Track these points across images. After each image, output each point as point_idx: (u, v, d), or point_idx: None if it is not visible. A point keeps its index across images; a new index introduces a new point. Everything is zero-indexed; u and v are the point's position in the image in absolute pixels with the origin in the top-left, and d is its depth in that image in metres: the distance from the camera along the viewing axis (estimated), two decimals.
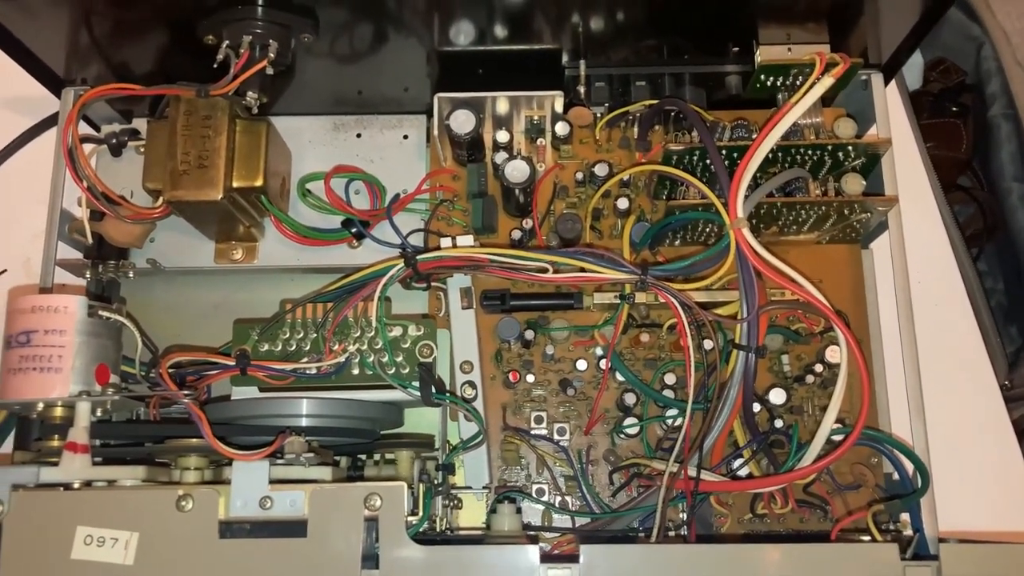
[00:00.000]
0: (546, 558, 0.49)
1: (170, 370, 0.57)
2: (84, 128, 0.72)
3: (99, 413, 0.55)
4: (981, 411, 0.75)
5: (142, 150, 0.69)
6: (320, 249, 0.69)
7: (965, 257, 0.86)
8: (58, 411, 0.54)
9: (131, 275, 0.69)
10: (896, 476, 0.64)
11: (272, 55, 0.60)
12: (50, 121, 0.79)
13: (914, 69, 1.02)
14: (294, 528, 0.49)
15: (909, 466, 0.62)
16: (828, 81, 0.61)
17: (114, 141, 0.70)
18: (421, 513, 0.53)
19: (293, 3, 0.60)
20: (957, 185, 1.02)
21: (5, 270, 0.77)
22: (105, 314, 0.56)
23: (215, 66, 0.61)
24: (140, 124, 0.72)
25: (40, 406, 0.53)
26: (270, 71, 0.61)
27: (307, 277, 0.70)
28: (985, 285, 0.99)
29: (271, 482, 0.50)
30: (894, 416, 0.67)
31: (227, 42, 0.60)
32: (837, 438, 0.60)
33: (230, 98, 0.62)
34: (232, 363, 0.58)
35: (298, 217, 0.69)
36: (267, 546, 0.49)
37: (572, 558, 0.49)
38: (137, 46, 0.66)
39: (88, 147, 0.68)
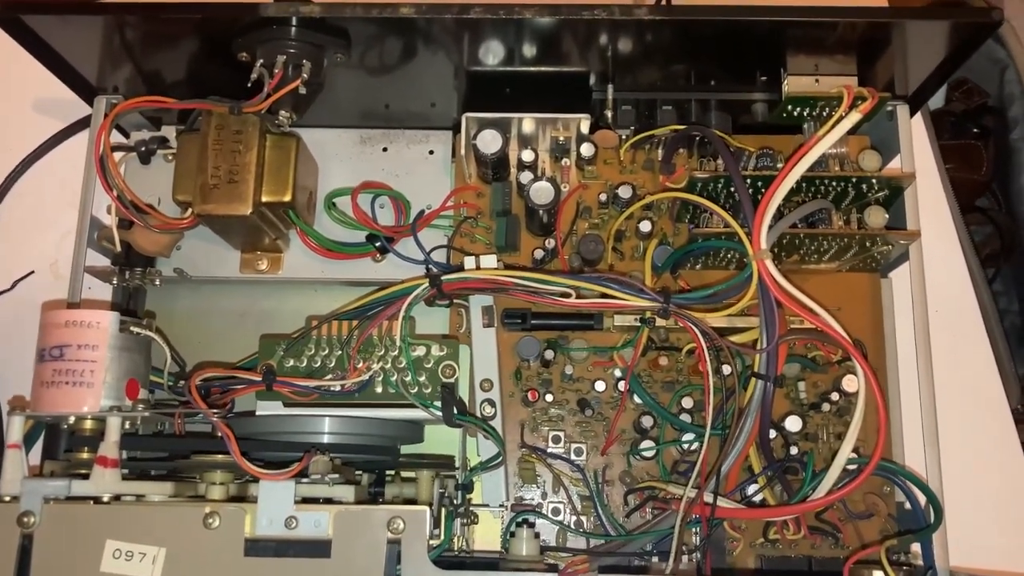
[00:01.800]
0: None
1: (197, 383, 0.58)
2: (114, 135, 0.72)
3: (127, 426, 0.56)
4: (994, 439, 0.75)
5: (170, 157, 0.71)
6: (344, 262, 0.70)
7: (981, 280, 0.87)
8: (88, 424, 0.55)
9: (158, 283, 0.70)
10: (908, 506, 0.64)
11: (305, 75, 0.61)
12: (80, 124, 0.80)
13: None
14: (318, 548, 0.50)
15: (922, 498, 0.62)
16: (855, 116, 0.62)
17: (143, 149, 0.71)
18: (442, 536, 0.54)
19: (327, 24, 0.60)
20: (975, 207, 1.02)
21: (32, 272, 0.78)
22: (136, 329, 0.57)
23: (249, 84, 0.61)
24: (169, 132, 0.73)
25: (72, 419, 0.54)
26: (303, 91, 0.62)
27: (331, 289, 0.71)
28: (1000, 306, 1.00)
29: (297, 502, 0.51)
30: (908, 445, 0.68)
31: (261, 60, 0.61)
32: (851, 467, 0.61)
33: (262, 115, 0.63)
34: (258, 379, 0.59)
35: (323, 230, 0.70)
36: (291, 565, 0.50)
37: None
38: (170, 58, 0.67)
39: (118, 155, 0.69)
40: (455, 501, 0.58)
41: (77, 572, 0.50)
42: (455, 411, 0.60)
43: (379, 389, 0.61)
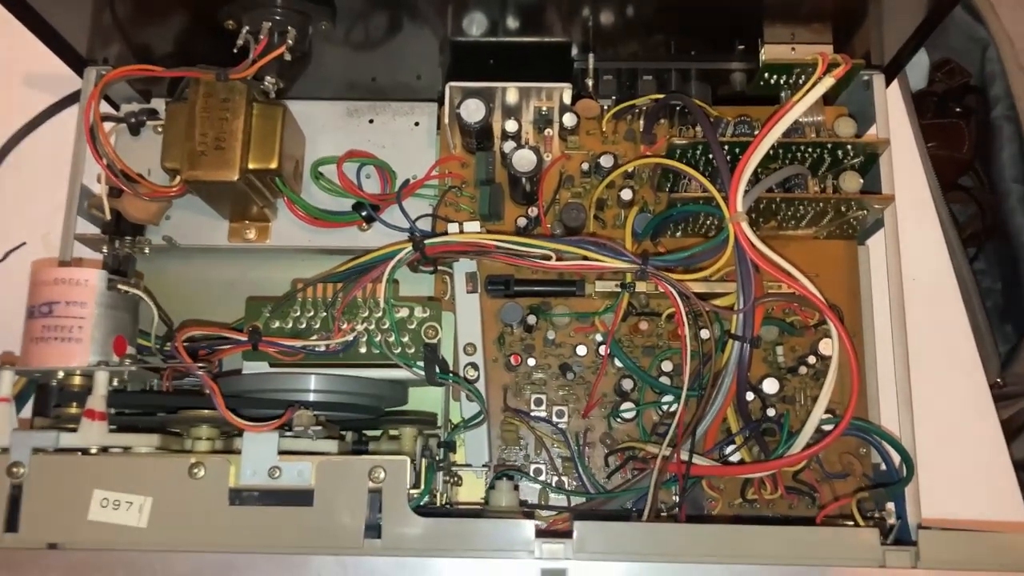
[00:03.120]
0: (541, 534, 0.51)
1: (184, 344, 0.60)
2: (104, 107, 0.73)
3: (115, 383, 0.57)
4: (970, 407, 0.77)
5: (160, 129, 0.72)
6: (331, 231, 0.71)
7: (961, 256, 0.88)
8: (77, 379, 0.56)
9: (147, 251, 0.71)
10: (883, 467, 0.66)
11: (290, 41, 0.62)
12: (70, 99, 0.81)
13: (920, 69, 1.03)
14: (301, 497, 0.51)
15: (896, 457, 0.64)
16: (829, 81, 0.63)
17: (133, 120, 0.72)
18: (423, 487, 0.55)
19: None
20: (958, 185, 1.04)
21: (24, 243, 0.79)
22: (124, 288, 0.58)
23: (235, 51, 0.63)
24: (158, 104, 0.75)
25: (60, 374, 0.56)
26: (288, 57, 0.63)
27: (318, 258, 0.72)
28: (983, 284, 1.01)
29: (280, 453, 0.52)
30: (883, 409, 0.69)
31: (247, 27, 0.62)
32: (828, 427, 0.62)
33: (248, 82, 0.64)
34: (244, 338, 0.61)
35: (310, 199, 0.71)
36: (274, 514, 0.51)
37: (566, 534, 0.51)
38: (158, 28, 0.68)
39: (107, 125, 0.70)
40: (437, 457, 0.60)
41: (65, 521, 0.51)
42: (437, 370, 0.61)
43: (363, 349, 0.62)
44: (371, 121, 0.75)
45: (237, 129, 0.63)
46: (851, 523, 0.59)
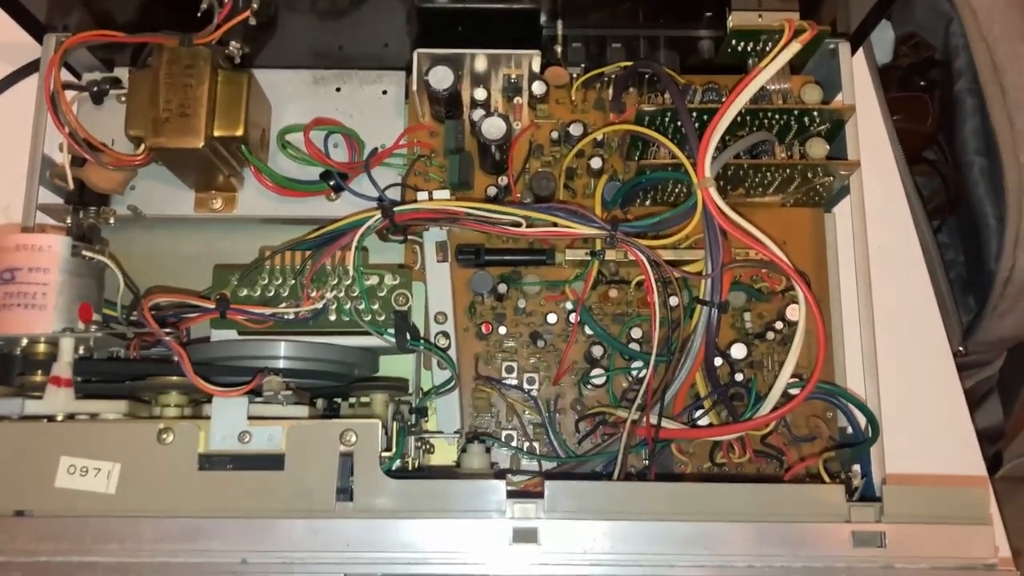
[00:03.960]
0: (512, 495, 0.51)
1: (151, 312, 0.59)
2: (66, 76, 0.72)
3: (81, 351, 0.56)
4: (933, 373, 0.78)
5: (123, 99, 0.71)
6: (298, 200, 0.70)
7: (926, 227, 0.90)
8: (41, 347, 0.56)
9: (112, 221, 0.70)
10: (849, 430, 0.67)
11: (255, 5, 0.61)
12: (30, 68, 0.80)
13: (886, 43, 1.04)
14: (272, 462, 0.51)
15: (862, 420, 0.65)
16: (795, 47, 0.64)
17: (95, 89, 0.71)
18: (394, 450, 0.55)
19: None
20: (923, 158, 1.05)
21: None
22: (88, 254, 0.57)
23: (198, 15, 0.62)
24: (121, 73, 0.73)
25: (24, 342, 0.55)
26: (253, 21, 0.62)
27: (285, 228, 0.71)
28: (947, 256, 1.03)
29: (250, 418, 0.52)
30: (849, 375, 0.70)
31: None
32: (794, 391, 0.63)
33: (213, 47, 0.63)
34: (212, 306, 0.60)
35: (277, 168, 0.70)
36: (245, 478, 0.51)
37: (537, 495, 0.51)
38: None
39: (70, 95, 0.69)
40: (409, 422, 0.60)
41: (32, 488, 0.51)
42: (408, 337, 0.61)
43: (333, 317, 0.62)
44: (338, 90, 0.74)
45: (202, 96, 0.63)
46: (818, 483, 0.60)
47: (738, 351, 0.68)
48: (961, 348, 0.94)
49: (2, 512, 0.51)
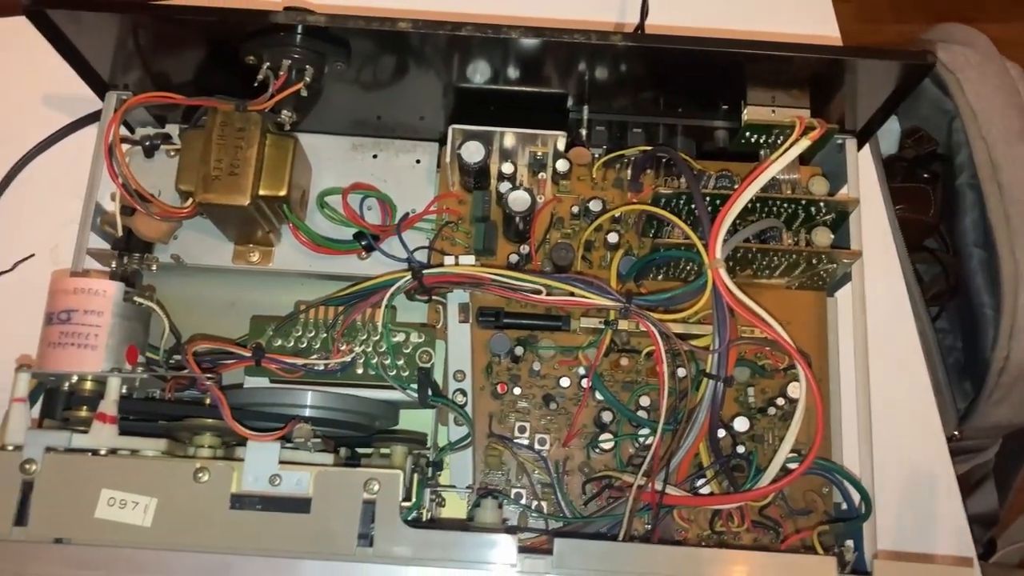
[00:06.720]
0: (522, 551, 0.54)
1: (193, 352, 0.63)
2: (120, 130, 0.77)
3: (124, 390, 0.60)
4: (926, 455, 0.81)
5: (172, 153, 0.76)
6: (332, 258, 0.75)
7: (924, 314, 0.93)
8: (88, 385, 0.59)
9: (154, 268, 0.74)
10: (844, 506, 0.70)
11: (308, 79, 0.66)
12: (86, 120, 0.85)
13: (891, 136, 1.09)
14: (299, 505, 0.54)
15: (856, 497, 0.68)
16: (805, 143, 0.68)
17: (148, 144, 0.76)
18: (413, 500, 0.58)
19: (330, 33, 0.66)
20: (924, 247, 1.09)
21: (33, 255, 0.82)
22: (139, 300, 0.61)
23: (255, 84, 0.67)
24: (172, 130, 0.78)
25: (74, 378, 0.59)
26: (304, 93, 0.67)
27: (317, 283, 0.75)
28: (945, 342, 1.06)
29: (280, 462, 0.55)
30: (846, 453, 0.73)
31: (268, 63, 0.66)
32: (793, 466, 0.66)
33: (264, 114, 0.68)
34: (248, 354, 0.64)
35: (313, 227, 0.75)
36: (273, 519, 0.54)
37: (547, 551, 0.54)
38: (180, 59, 0.72)
39: (123, 147, 0.73)
40: (427, 474, 0.63)
41: (73, 517, 0.54)
42: (429, 392, 0.65)
43: (360, 370, 0.66)
44: (375, 156, 0.79)
45: (251, 157, 0.67)
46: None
47: (740, 424, 0.71)
48: (956, 433, 0.97)
49: (42, 539, 0.54)
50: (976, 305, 1.00)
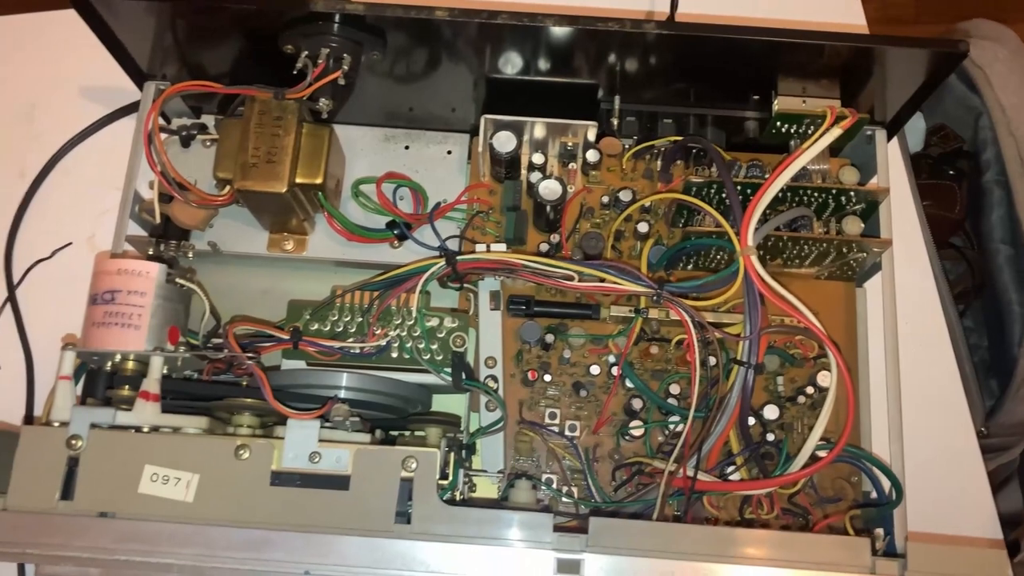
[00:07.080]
0: (558, 528, 0.55)
1: (234, 332, 0.64)
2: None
3: (165, 370, 0.61)
4: (957, 445, 0.81)
5: (208, 143, 0.77)
6: (365, 246, 0.76)
7: (952, 309, 0.93)
8: (131, 364, 0.60)
9: (190, 255, 0.75)
10: (874, 494, 0.70)
11: (345, 67, 0.67)
12: (123, 111, 0.87)
13: (917, 133, 1.09)
14: (338, 482, 0.55)
15: (886, 484, 0.68)
16: (836, 132, 0.69)
17: (184, 133, 0.77)
18: (450, 479, 0.59)
19: (367, 22, 0.67)
20: (950, 244, 1.09)
21: (70, 243, 0.83)
22: (181, 282, 0.62)
23: (294, 73, 0.68)
24: (207, 120, 0.80)
25: (118, 357, 0.60)
26: (342, 82, 0.68)
27: (350, 271, 0.76)
28: (971, 340, 1.06)
29: (319, 441, 0.56)
30: (875, 442, 0.73)
31: (306, 52, 0.67)
32: (822, 454, 0.66)
33: (301, 102, 0.69)
34: (286, 337, 0.65)
35: (347, 215, 0.76)
36: (312, 496, 0.55)
37: (582, 529, 0.55)
38: (218, 50, 0.73)
39: (161, 137, 0.75)
40: (462, 454, 0.64)
41: (117, 492, 0.55)
42: (463, 376, 0.65)
43: (395, 354, 0.67)
44: (407, 147, 0.80)
45: (288, 145, 0.68)
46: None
47: (770, 412, 0.71)
48: (983, 429, 0.97)
49: (87, 512, 0.55)
50: (1003, 302, 1.00)
